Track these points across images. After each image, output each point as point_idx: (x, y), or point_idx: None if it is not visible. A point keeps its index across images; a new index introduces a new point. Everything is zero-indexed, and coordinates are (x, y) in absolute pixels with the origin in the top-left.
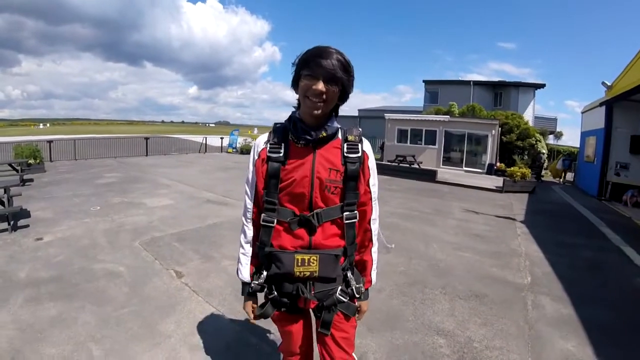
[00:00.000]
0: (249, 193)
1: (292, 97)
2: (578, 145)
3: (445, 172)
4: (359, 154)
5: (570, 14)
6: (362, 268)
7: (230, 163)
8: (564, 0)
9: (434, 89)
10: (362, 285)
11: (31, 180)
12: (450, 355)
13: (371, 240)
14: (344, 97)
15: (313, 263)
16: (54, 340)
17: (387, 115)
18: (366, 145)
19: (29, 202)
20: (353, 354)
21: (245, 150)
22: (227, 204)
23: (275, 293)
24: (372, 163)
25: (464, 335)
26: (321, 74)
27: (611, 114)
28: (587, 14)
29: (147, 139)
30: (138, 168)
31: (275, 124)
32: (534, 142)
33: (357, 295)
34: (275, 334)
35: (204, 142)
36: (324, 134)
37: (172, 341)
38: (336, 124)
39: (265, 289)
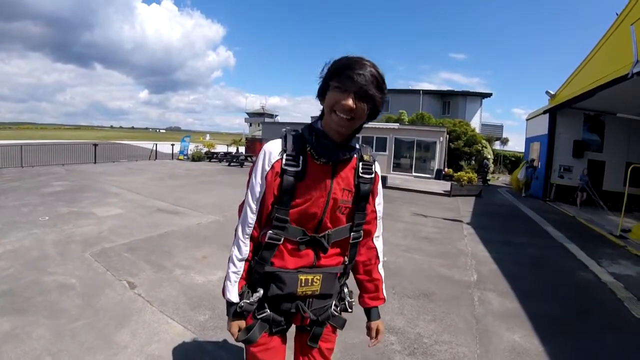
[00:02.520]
0: (252, 206)
1: (245, 103)
2: (523, 151)
3: (396, 178)
4: (372, 175)
5: (520, 26)
6: (373, 286)
7: (181, 170)
8: (513, 14)
9: (385, 98)
10: (353, 300)
11: None
12: (401, 352)
13: (377, 257)
14: (372, 115)
15: (316, 282)
16: (9, 356)
17: None
18: (378, 166)
19: None
20: None
21: (196, 157)
22: (178, 213)
23: (268, 312)
24: (380, 184)
25: (414, 331)
26: (352, 88)
27: (554, 120)
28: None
29: (95, 145)
30: (87, 176)
31: (288, 130)
32: (480, 148)
33: (349, 310)
34: (230, 341)
35: (154, 148)
36: (347, 155)
37: (128, 352)
38: (357, 144)
39: (254, 309)
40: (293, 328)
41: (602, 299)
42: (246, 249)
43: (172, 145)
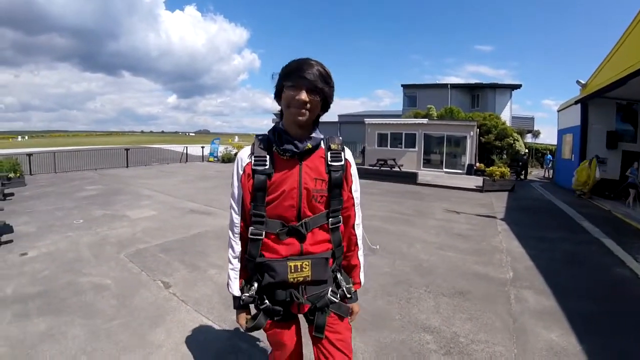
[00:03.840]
0: (235, 208)
1: (272, 104)
2: (555, 143)
3: (426, 174)
4: (342, 162)
5: (546, 15)
6: (350, 271)
7: (211, 172)
8: (539, 2)
9: (412, 93)
10: (351, 285)
11: (12, 194)
12: (437, 351)
13: (357, 244)
14: (325, 106)
15: (306, 268)
16: (45, 355)
17: (367, 120)
18: (348, 154)
19: (11, 216)
20: (351, 357)
21: (226, 159)
22: (210, 213)
23: (268, 303)
24: (353, 170)
25: (450, 330)
26: (304, 84)
27: (586, 111)
28: (563, 15)
29: (127, 150)
30: (119, 180)
31: (257, 135)
32: (512, 142)
33: (348, 296)
34: (264, 341)
35: (185, 151)
36: (310, 146)
37: (163, 351)
38: (320, 134)
39: (256, 300)
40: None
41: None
42: (237, 247)
43: (202, 147)
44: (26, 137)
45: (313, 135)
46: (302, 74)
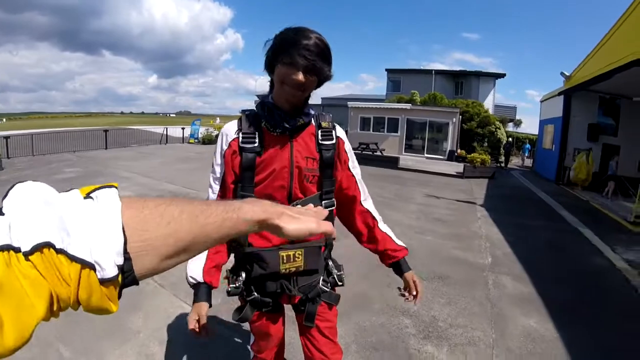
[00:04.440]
0: (213, 186)
1: (255, 86)
2: (537, 133)
3: (408, 159)
4: (333, 141)
5: (534, 6)
6: (385, 246)
7: (191, 154)
8: None
9: (397, 78)
10: (342, 272)
11: None
12: (416, 335)
13: (373, 218)
14: (320, 83)
15: (298, 258)
16: None
17: (350, 104)
18: (340, 131)
19: None
20: (337, 341)
21: (207, 140)
22: (190, 195)
23: (256, 294)
24: (347, 147)
25: (429, 314)
26: (301, 64)
27: (569, 103)
28: (551, 8)
29: (106, 131)
30: (98, 162)
31: (244, 110)
32: (494, 130)
33: (340, 283)
34: (245, 327)
35: (165, 132)
36: (302, 122)
37: (141, 337)
38: (311, 110)
39: (243, 292)
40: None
41: (616, 285)
42: None
43: (183, 129)
44: (4, 120)
45: (305, 111)
46: (301, 52)
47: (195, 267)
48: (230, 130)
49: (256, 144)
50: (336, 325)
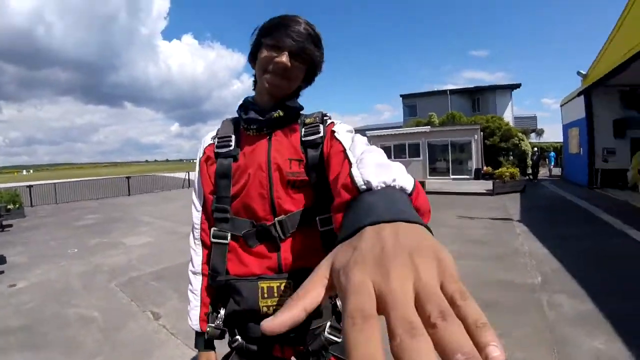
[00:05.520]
0: (195, 204)
1: None
2: (560, 140)
3: (433, 183)
4: (320, 134)
5: (538, 13)
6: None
7: None
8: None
9: (412, 102)
10: None
11: (10, 225)
12: None
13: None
14: (310, 77)
15: (286, 293)
16: None
17: (369, 133)
18: (331, 124)
19: (6, 247)
20: None
21: None
22: None
23: (240, 339)
24: (342, 134)
25: None
26: (287, 45)
27: (590, 101)
28: (555, 9)
29: (128, 178)
30: (119, 208)
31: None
32: (517, 142)
33: None
34: None
35: (187, 177)
36: (280, 114)
37: None
38: (297, 103)
39: (227, 334)
40: None
41: None
42: (198, 259)
43: None
44: (31, 171)
45: (287, 103)
46: (287, 31)
47: (193, 315)
48: (207, 137)
49: (232, 147)
50: None
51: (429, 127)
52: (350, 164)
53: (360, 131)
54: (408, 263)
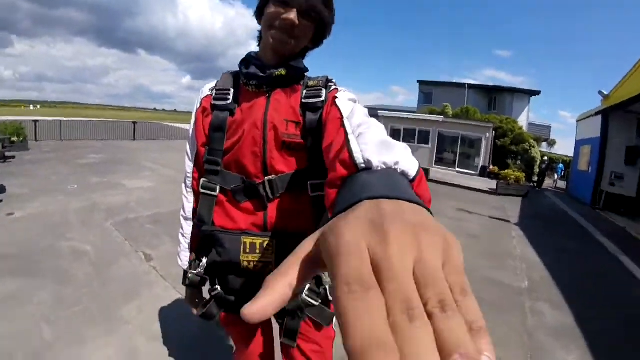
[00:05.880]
0: (189, 153)
1: None
2: (571, 154)
3: (438, 172)
4: (322, 98)
5: (567, 24)
6: None
7: None
8: (561, 10)
9: (428, 90)
10: None
11: (13, 157)
12: None
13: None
14: (319, 38)
15: (268, 250)
16: (8, 315)
17: (381, 113)
18: (334, 90)
19: (7, 178)
20: None
21: None
22: None
23: (219, 289)
24: (344, 102)
25: None
26: (296, 1)
27: (607, 123)
28: (584, 24)
29: (135, 123)
30: (123, 151)
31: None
32: (528, 148)
33: (331, 298)
34: None
35: None
36: (282, 72)
37: (129, 328)
38: (302, 64)
39: (207, 282)
40: None
41: None
42: (189, 205)
43: None
44: (38, 107)
45: (291, 63)
46: None
47: (184, 257)
48: (205, 88)
49: (229, 101)
50: (330, 350)
51: (442, 117)
52: (346, 133)
53: (373, 110)
54: (410, 232)
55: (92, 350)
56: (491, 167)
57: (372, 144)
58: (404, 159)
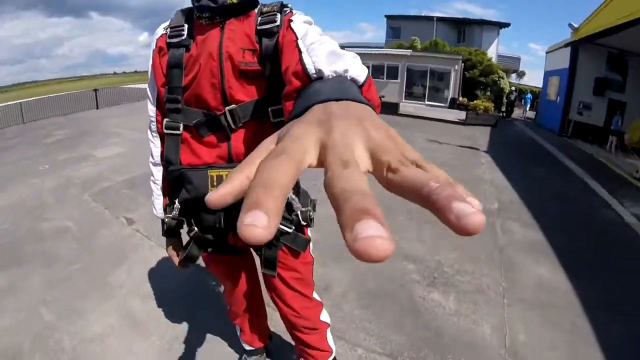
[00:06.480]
0: (150, 97)
1: None
2: (540, 86)
3: (408, 106)
4: (277, 23)
5: None
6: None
7: None
8: None
9: (397, 25)
10: (310, 209)
11: None
12: (420, 282)
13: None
14: None
15: None
16: (5, 309)
17: (348, 50)
18: (294, 16)
19: None
20: (314, 294)
21: None
22: None
23: (196, 229)
24: (296, 24)
25: (434, 259)
26: None
27: (576, 55)
28: None
29: (95, 90)
30: (88, 122)
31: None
32: (497, 79)
33: (304, 223)
34: None
35: None
36: (234, 1)
37: (123, 292)
38: None
39: (185, 225)
40: None
41: (627, 239)
42: (157, 150)
43: None
44: None
45: None
46: None
47: (157, 204)
48: (159, 28)
49: (184, 37)
50: (310, 275)
51: (411, 51)
52: (300, 52)
53: (341, 47)
54: (356, 124)
55: (92, 320)
56: (460, 98)
57: (323, 55)
58: (353, 66)
